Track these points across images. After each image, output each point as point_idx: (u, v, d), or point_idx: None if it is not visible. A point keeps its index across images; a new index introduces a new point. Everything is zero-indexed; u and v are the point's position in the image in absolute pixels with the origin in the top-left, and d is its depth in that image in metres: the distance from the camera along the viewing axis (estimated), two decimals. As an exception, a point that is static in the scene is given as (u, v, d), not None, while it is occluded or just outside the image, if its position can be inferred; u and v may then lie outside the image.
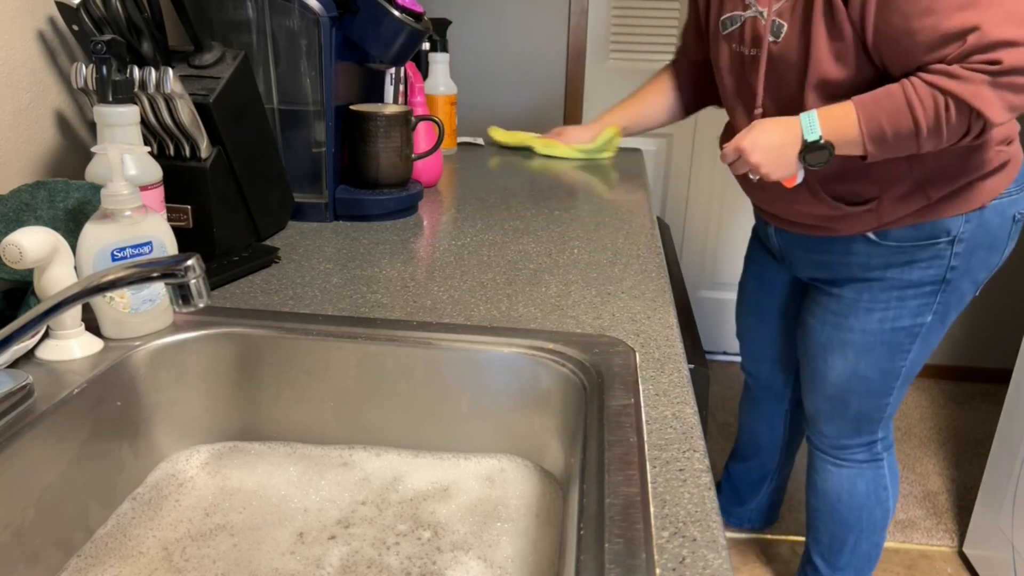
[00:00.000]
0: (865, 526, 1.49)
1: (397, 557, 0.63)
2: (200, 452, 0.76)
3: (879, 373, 1.29)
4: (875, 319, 1.24)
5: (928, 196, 1.13)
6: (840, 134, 1.03)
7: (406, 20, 1.09)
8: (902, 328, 1.24)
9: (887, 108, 1.00)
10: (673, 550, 0.48)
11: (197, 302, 0.55)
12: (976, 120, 0.98)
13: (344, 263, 0.96)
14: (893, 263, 1.20)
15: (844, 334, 1.28)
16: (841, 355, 1.30)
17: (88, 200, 0.75)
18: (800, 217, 1.24)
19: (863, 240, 1.19)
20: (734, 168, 1.10)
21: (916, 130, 1.00)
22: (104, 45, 0.75)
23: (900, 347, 1.26)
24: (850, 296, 1.26)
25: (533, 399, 0.74)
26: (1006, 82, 0.94)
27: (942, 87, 0.97)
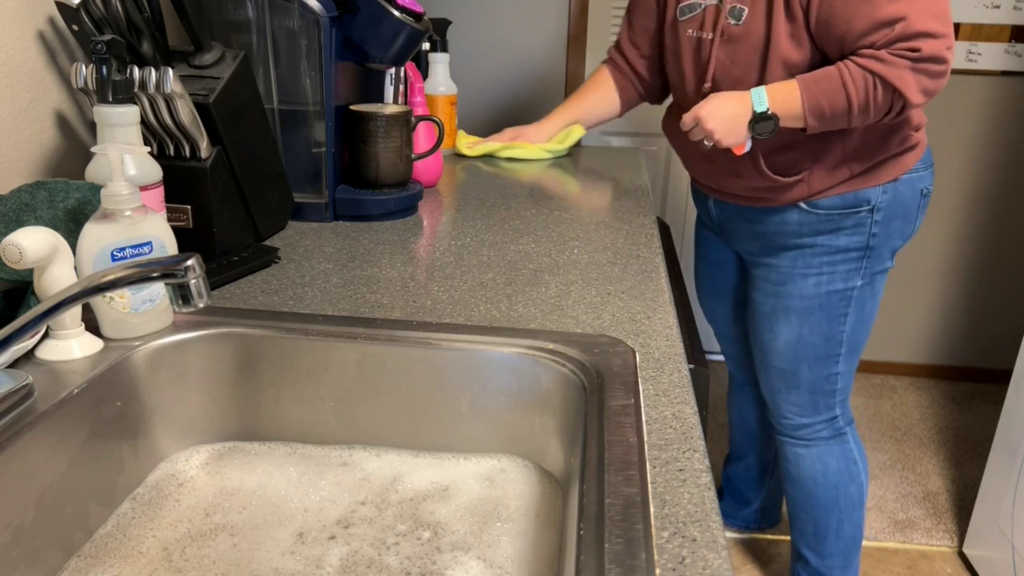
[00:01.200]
0: (844, 505, 1.54)
1: (397, 557, 0.63)
2: (200, 452, 0.76)
3: (822, 338, 1.39)
4: (811, 283, 1.36)
5: (851, 169, 1.28)
6: (785, 108, 1.17)
7: (406, 20, 1.09)
8: (836, 292, 1.36)
9: (825, 87, 1.15)
10: (673, 550, 0.48)
11: (197, 302, 0.55)
12: (897, 100, 1.14)
13: (344, 263, 0.96)
14: (822, 230, 1.33)
15: (785, 301, 1.39)
16: (785, 322, 1.40)
17: (88, 200, 0.75)
18: (740, 190, 1.36)
19: (796, 209, 1.33)
20: (691, 135, 1.22)
21: (849, 107, 1.15)
22: (104, 45, 0.75)
23: (837, 311, 1.38)
24: (786, 265, 1.38)
25: (533, 399, 0.74)
26: (923, 68, 1.11)
27: (871, 69, 1.12)
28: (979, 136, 2.50)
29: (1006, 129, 2.48)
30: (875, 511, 2.06)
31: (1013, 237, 2.60)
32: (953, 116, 2.48)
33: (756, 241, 1.42)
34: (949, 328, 2.74)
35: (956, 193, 2.57)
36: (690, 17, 1.30)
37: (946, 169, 2.55)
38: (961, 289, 2.68)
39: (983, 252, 2.63)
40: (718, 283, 1.66)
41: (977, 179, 2.55)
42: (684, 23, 1.31)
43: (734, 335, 1.72)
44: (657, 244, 1.10)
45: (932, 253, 2.65)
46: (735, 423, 1.85)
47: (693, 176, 1.50)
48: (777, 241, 1.38)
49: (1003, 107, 2.46)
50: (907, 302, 2.73)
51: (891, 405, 2.62)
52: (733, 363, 1.78)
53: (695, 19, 1.29)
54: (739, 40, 1.22)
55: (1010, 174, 2.53)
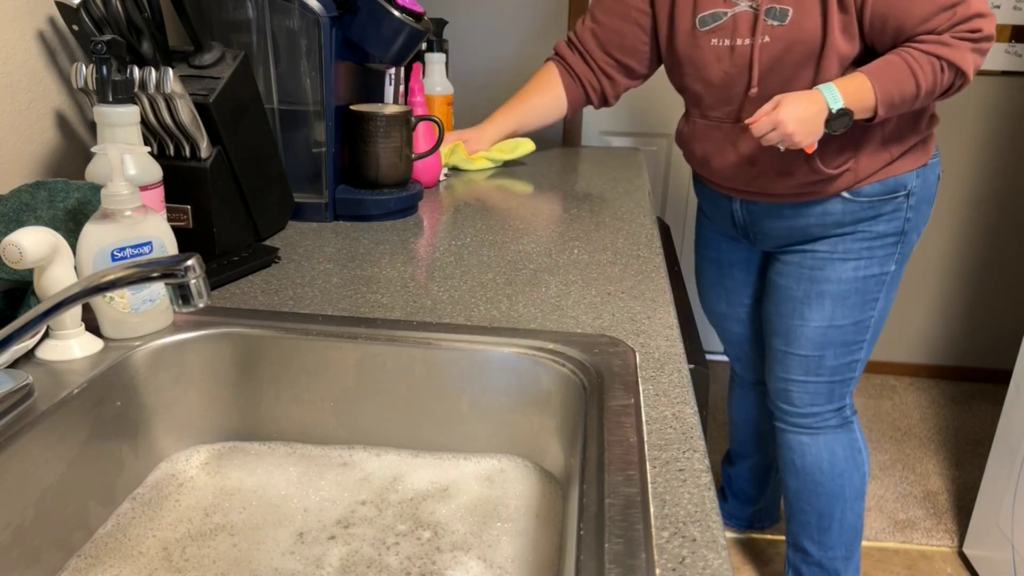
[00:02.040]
0: (848, 494, 1.54)
1: (397, 557, 0.63)
2: (200, 452, 0.76)
3: (852, 323, 1.40)
4: (850, 267, 1.38)
5: (891, 153, 1.30)
6: (858, 102, 1.18)
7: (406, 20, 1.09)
8: (872, 276, 1.38)
9: (894, 77, 1.17)
10: (673, 550, 0.48)
11: (197, 302, 0.55)
12: (959, 79, 1.18)
13: (344, 263, 0.96)
14: (863, 217, 1.35)
15: (821, 285, 1.39)
16: (819, 307, 1.40)
17: (88, 200, 0.75)
18: (784, 188, 1.35)
19: (839, 199, 1.34)
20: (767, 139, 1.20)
21: (917, 93, 1.18)
22: (104, 45, 0.75)
23: (870, 295, 1.39)
24: (825, 250, 1.38)
25: (533, 399, 0.74)
26: (980, 47, 1.17)
27: (937, 54, 1.15)
28: (979, 136, 2.50)
29: (1006, 129, 2.48)
30: (875, 511, 2.06)
31: (1013, 237, 2.60)
32: (953, 116, 2.48)
33: (790, 235, 1.42)
34: (949, 328, 2.74)
35: (956, 193, 2.57)
36: (715, 27, 1.28)
37: (946, 169, 2.55)
38: (961, 289, 2.68)
39: (983, 252, 2.63)
40: (730, 284, 1.64)
41: (977, 179, 2.55)
42: (707, 33, 1.29)
43: (745, 335, 1.70)
44: (657, 244, 1.10)
45: (932, 253, 2.65)
46: (739, 423, 1.84)
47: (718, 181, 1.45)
48: (816, 232, 1.38)
49: (1003, 107, 2.46)
50: (907, 302, 2.73)
51: (891, 405, 2.62)
52: (741, 364, 1.77)
53: (723, 28, 1.27)
54: (786, 40, 1.22)
55: (1010, 174, 2.53)
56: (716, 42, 1.28)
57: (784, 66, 1.24)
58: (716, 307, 1.70)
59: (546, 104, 1.52)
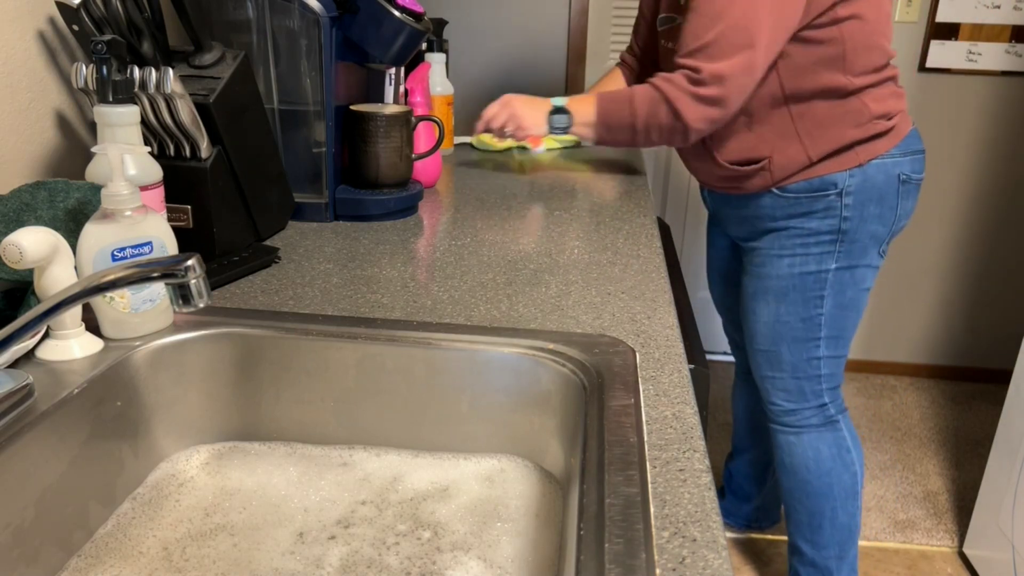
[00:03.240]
0: (837, 493, 1.54)
1: (397, 557, 0.63)
2: (200, 452, 0.76)
3: (799, 320, 1.42)
4: (785, 264, 1.40)
5: (810, 157, 1.31)
6: (579, 111, 1.34)
7: (406, 20, 1.09)
8: (809, 273, 1.39)
9: (615, 99, 1.30)
10: (673, 550, 0.48)
11: (197, 302, 0.55)
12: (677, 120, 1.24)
13: (344, 263, 0.96)
14: (794, 213, 1.37)
15: (764, 281, 1.44)
16: (764, 302, 1.44)
17: (88, 200, 0.75)
18: (711, 179, 1.44)
19: (768, 194, 1.38)
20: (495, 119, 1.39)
21: (633, 122, 1.28)
22: (104, 45, 0.75)
23: (811, 292, 1.40)
24: (765, 246, 1.42)
25: (533, 399, 0.74)
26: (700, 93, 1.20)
27: (657, 86, 1.24)
28: (979, 136, 2.50)
29: (1006, 129, 2.48)
30: (875, 511, 2.06)
31: (1013, 237, 2.60)
32: (954, 116, 2.48)
33: (742, 226, 1.47)
34: (949, 328, 2.74)
35: (957, 192, 2.57)
36: (665, 29, 1.36)
37: (947, 169, 2.55)
38: (961, 289, 2.68)
39: (983, 252, 2.63)
40: (719, 265, 1.71)
41: (977, 179, 2.55)
42: (661, 34, 1.38)
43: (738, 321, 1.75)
44: (657, 244, 1.10)
45: (932, 252, 2.65)
46: (738, 416, 1.86)
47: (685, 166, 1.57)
48: (758, 225, 1.42)
49: (1003, 107, 2.46)
50: (907, 302, 2.73)
51: (891, 405, 2.62)
52: (739, 352, 1.81)
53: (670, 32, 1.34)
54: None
55: (1010, 174, 2.53)
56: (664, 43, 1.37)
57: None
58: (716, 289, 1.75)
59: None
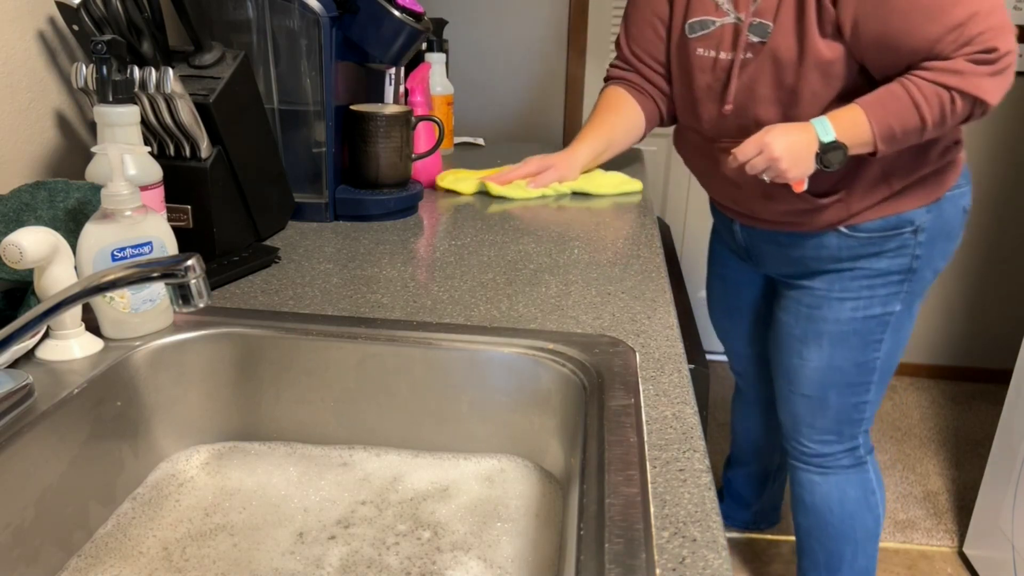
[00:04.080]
0: (860, 536, 1.46)
1: (397, 557, 0.63)
2: (200, 452, 0.76)
3: (854, 365, 1.31)
4: (847, 308, 1.27)
5: (891, 186, 1.18)
6: (852, 135, 1.07)
7: (406, 20, 1.09)
8: (873, 317, 1.27)
9: (894, 109, 1.05)
10: (673, 550, 0.48)
11: (197, 302, 0.55)
12: (978, 107, 1.05)
13: (344, 263, 0.96)
14: (863, 254, 1.24)
15: (818, 325, 1.30)
16: (816, 346, 1.32)
17: (88, 200, 0.75)
18: (772, 215, 1.26)
19: (834, 234, 1.23)
20: (753, 165, 1.09)
21: (923, 126, 1.05)
22: (104, 45, 0.75)
23: (872, 336, 1.29)
24: (822, 288, 1.28)
25: (533, 399, 0.74)
26: (1001, 67, 1.02)
27: (946, 84, 1.02)
28: (980, 136, 2.49)
29: (1007, 129, 2.48)
30: (875, 511, 2.06)
31: (1014, 237, 2.60)
32: (953, 116, 2.48)
33: (790, 265, 1.32)
34: (949, 328, 2.74)
35: (956, 193, 2.57)
36: (702, 35, 1.20)
37: (946, 169, 2.55)
38: (961, 289, 2.68)
39: (983, 252, 2.63)
40: (733, 303, 1.58)
41: (978, 179, 2.55)
42: (695, 41, 1.21)
43: (749, 355, 1.65)
44: (657, 244, 1.10)
45: (932, 253, 2.65)
46: (739, 432, 1.82)
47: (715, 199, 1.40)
48: (813, 265, 1.28)
49: (1004, 107, 2.46)
50: (907, 302, 2.73)
51: (891, 405, 2.62)
52: (744, 381, 1.72)
53: (710, 37, 1.19)
54: (765, 58, 1.13)
55: (1011, 174, 2.53)
56: (702, 51, 1.21)
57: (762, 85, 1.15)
58: (721, 322, 1.65)
59: (628, 121, 1.38)
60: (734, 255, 1.50)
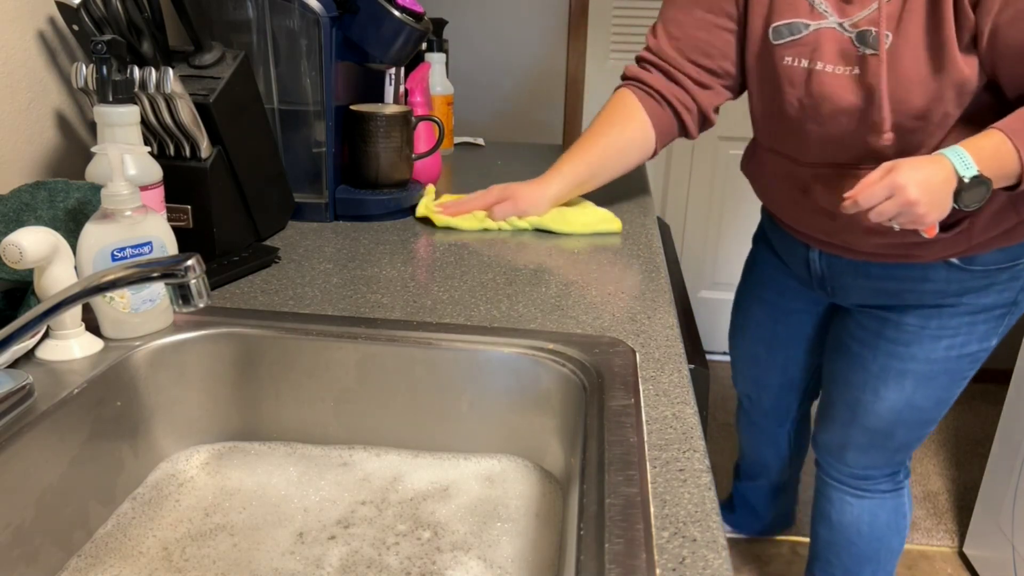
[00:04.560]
0: (883, 556, 1.40)
1: (397, 557, 0.63)
2: (200, 452, 0.76)
3: (935, 403, 1.18)
4: (942, 347, 1.13)
5: (1018, 213, 1.03)
6: (997, 167, 0.89)
7: (406, 20, 1.09)
8: (967, 355, 1.14)
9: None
10: (673, 550, 0.48)
11: (197, 302, 0.55)
12: None
13: (344, 263, 0.96)
14: (972, 288, 1.08)
15: (904, 363, 1.15)
16: (897, 386, 1.17)
17: (88, 200, 0.75)
18: (871, 247, 1.09)
19: (943, 266, 1.07)
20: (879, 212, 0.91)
21: None
22: (104, 45, 0.75)
23: (961, 374, 1.16)
24: (914, 323, 1.13)
25: (533, 399, 0.74)
26: None
27: None
28: (979, 136, 2.49)
29: (1006, 129, 2.48)
30: (875, 511, 2.06)
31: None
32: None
33: (878, 297, 1.15)
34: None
35: (956, 193, 2.57)
36: (791, 41, 1.01)
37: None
38: (961, 289, 2.68)
39: (983, 252, 2.62)
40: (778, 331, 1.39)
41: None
42: (780, 48, 1.03)
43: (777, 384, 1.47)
44: (657, 244, 1.10)
45: (932, 253, 2.64)
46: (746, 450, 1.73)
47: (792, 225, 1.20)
48: (909, 299, 1.12)
49: (1003, 107, 2.46)
50: (907, 302, 2.72)
51: (891, 405, 2.62)
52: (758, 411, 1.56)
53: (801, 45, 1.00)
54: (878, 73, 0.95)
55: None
56: (790, 61, 1.01)
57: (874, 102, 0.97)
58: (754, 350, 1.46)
59: (627, 141, 1.15)
60: (794, 280, 1.31)
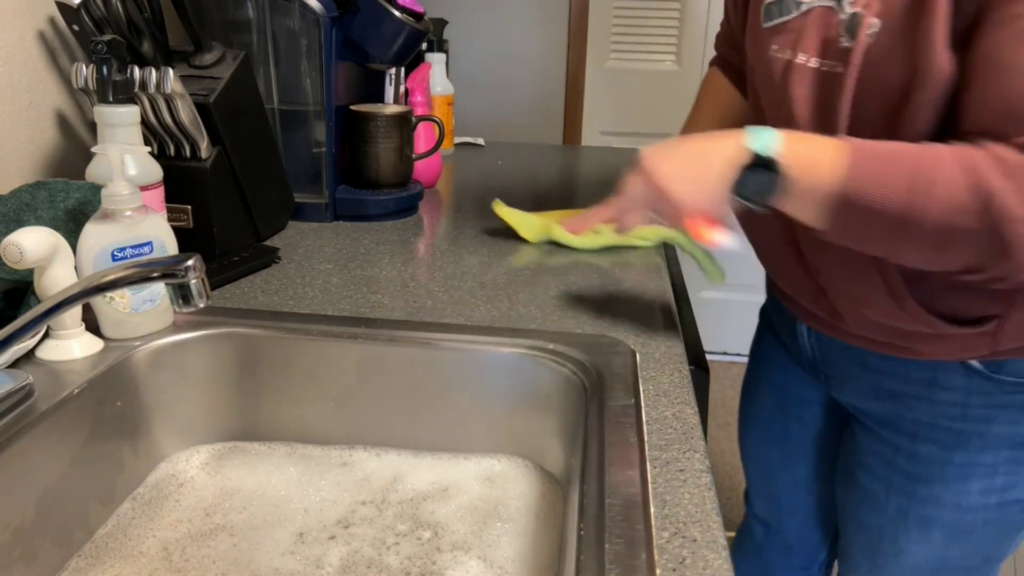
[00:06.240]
0: None
1: (397, 557, 0.63)
2: (200, 452, 0.76)
3: (981, 560, 0.85)
4: (975, 491, 0.80)
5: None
6: (808, 164, 0.63)
7: (406, 20, 1.09)
8: (1016, 501, 0.80)
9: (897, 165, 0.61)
10: (673, 550, 0.48)
11: (197, 302, 0.55)
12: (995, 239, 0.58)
13: (344, 263, 0.96)
14: (1006, 407, 0.76)
15: (927, 509, 0.82)
16: (922, 537, 0.84)
17: (88, 200, 0.75)
18: (863, 328, 0.80)
19: (962, 370, 0.76)
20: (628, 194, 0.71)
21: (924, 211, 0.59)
22: (104, 45, 0.75)
23: (1012, 525, 0.83)
24: (933, 454, 0.80)
25: (533, 399, 0.74)
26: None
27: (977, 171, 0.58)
28: (979, 136, 2.49)
29: (1006, 129, 2.48)
30: (875, 511, 2.05)
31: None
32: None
33: (880, 400, 0.83)
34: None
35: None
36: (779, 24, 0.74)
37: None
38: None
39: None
40: (792, 429, 1.01)
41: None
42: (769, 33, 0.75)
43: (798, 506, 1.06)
44: (657, 244, 1.10)
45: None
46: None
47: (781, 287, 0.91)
48: (920, 413, 0.80)
49: (1003, 107, 2.46)
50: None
51: (891, 405, 2.61)
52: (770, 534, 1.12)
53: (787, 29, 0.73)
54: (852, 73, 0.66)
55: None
56: (776, 50, 0.74)
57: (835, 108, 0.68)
58: (763, 454, 1.06)
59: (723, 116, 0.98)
60: (792, 360, 0.97)
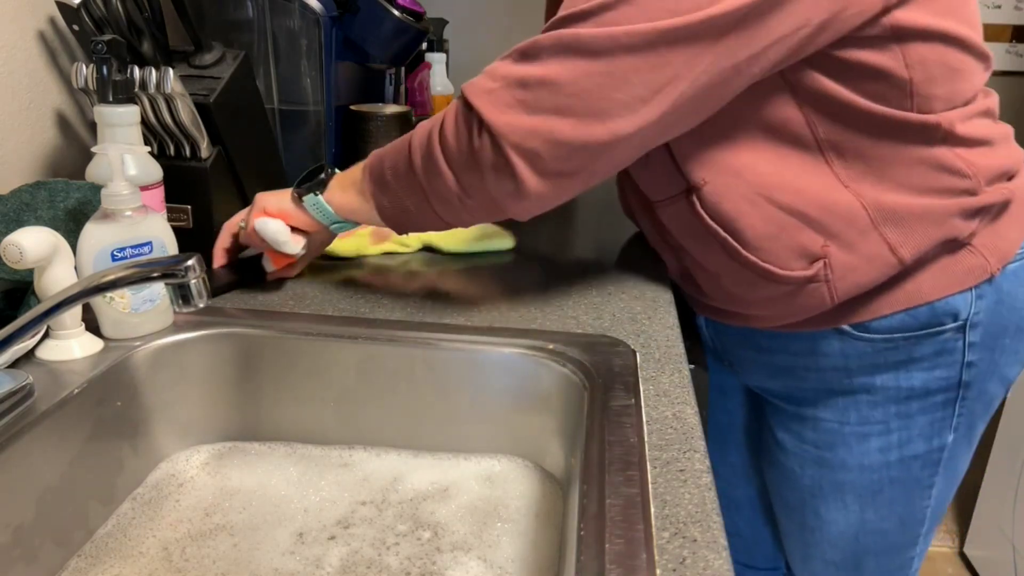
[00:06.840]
0: None
1: (397, 557, 0.63)
2: (200, 452, 0.76)
3: (897, 522, 0.91)
4: (873, 448, 0.86)
5: (898, 256, 0.74)
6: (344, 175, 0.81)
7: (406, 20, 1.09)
8: (915, 457, 0.86)
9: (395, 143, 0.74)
10: (673, 551, 0.48)
11: (197, 302, 0.55)
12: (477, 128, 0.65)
13: (344, 262, 0.96)
14: (883, 365, 0.82)
15: (836, 474, 0.89)
16: (838, 503, 0.91)
17: (88, 200, 0.75)
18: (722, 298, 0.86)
19: (836, 336, 0.82)
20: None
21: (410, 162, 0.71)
22: (104, 45, 0.75)
23: (919, 483, 0.89)
24: (831, 418, 0.87)
25: (533, 399, 0.74)
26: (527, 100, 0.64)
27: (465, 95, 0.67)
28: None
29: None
30: (875, 511, 2.06)
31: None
32: (953, 116, 2.48)
33: (778, 379, 0.90)
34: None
35: (956, 193, 2.56)
36: None
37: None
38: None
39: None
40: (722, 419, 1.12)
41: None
42: None
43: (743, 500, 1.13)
44: (657, 244, 1.10)
45: (932, 253, 2.64)
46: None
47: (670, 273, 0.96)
48: (812, 382, 0.86)
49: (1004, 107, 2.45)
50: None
51: (891, 405, 2.61)
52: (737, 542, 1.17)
53: None
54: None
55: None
56: None
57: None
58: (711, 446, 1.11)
59: None
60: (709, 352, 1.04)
